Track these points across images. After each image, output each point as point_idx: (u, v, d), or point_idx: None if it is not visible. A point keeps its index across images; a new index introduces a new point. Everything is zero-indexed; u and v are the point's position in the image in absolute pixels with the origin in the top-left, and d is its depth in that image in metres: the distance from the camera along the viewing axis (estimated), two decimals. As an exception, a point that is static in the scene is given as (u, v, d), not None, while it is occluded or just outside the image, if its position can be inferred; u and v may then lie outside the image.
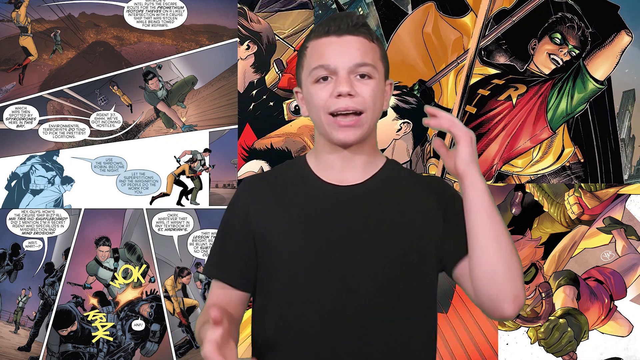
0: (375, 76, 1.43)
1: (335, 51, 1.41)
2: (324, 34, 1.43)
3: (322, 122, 1.42)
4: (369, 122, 1.43)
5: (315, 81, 1.42)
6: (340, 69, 1.40)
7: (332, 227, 1.41)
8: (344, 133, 1.41)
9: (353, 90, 1.39)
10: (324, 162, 1.48)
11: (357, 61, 1.41)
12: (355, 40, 1.42)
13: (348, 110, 1.40)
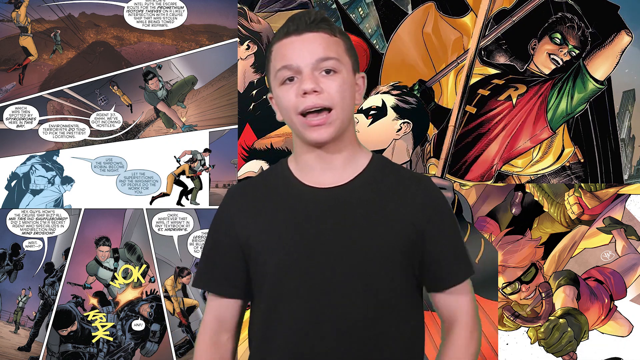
0: (342, 70, 1.40)
1: (296, 50, 1.39)
2: (284, 35, 1.42)
3: (295, 123, 1.41)
4: (340, 118, 1.40)
5: (281, 83, 1.41)
6: (303, 66, 1.38)
7: (313, 230, 1.41)
8: (316, 132, 1.39)
9: (318, 86, 1.37)
10: (303, 164, 1.47)
11: (319, 56, 1.38)
12: (315, 37, 1.40)
13: (316, 107, 1.38)
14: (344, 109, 1.41)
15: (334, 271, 1.39)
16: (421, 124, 2.88)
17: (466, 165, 2.89)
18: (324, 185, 1.44)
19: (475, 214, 2.86)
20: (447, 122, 2.87)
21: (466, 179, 2.88)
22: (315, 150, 1.44)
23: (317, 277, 1.39)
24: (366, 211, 1.41)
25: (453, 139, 2.86)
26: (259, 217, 1.46)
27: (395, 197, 1.44)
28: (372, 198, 1.43)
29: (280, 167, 1.53)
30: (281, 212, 1.44)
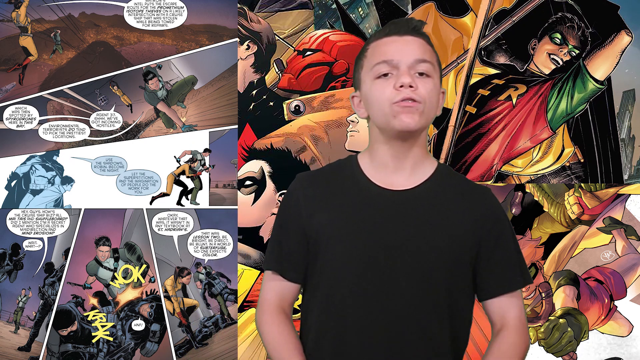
0: (434, 76, 1.49)
1: (396, 48, 1.48)
2: (385, 35, 1.52)
3: (385, 113, 1.47)
4: (426, 115, 1.48)
5: (376, 77, 1.48)
6: (401, 63, 1.46)
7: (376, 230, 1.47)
8: (405, 116, 1.45)
9: (414, 82, 1.45)
10: (377, 161, 1.53)
11: (418, 57, 1.47)
12: (416, 40, 1.50)
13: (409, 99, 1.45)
14: (430, 110, 1.49)
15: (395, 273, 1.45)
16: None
17: (466, 165, 2.89)
18: (393, 187, 1.51)
19: (475, 214, 2.86)
20: (447, 122, 2.87)
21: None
22: (394, 146, 1.50)
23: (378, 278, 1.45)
24: (430, 216, 1.48)
25: (453, 139, 2.86)
26: (327, 209, 1.51)
27: (458, 206, 1.51)
28: (436, 205, 1.50)
29: (350, 162, 1.58)
30: (349, 208, 1.50)
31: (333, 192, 1.53)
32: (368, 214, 1.47)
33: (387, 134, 1.50)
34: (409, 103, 1.44)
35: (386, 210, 1.47)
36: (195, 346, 2.91)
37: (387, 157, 1.52)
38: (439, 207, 1.50)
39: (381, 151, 1.52)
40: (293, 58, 2.92)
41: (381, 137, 1.52)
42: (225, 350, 2.90)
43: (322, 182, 1.57)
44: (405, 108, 1.44)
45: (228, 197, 2.92)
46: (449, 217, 1.49)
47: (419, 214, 1.48)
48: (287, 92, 2.91)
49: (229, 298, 2.91)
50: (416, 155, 1.52)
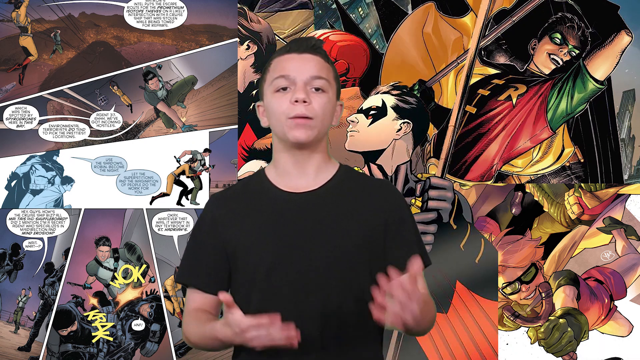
0: (328, 91, 1.63)
1: (295, 64, 1.63)
2: (286, 52, 1.66)
3: (282, 125, 1.62)
4: (319, 128, 1.62)
5: (275, 90, 1.63)
6: (298, 79, 1.61)
7: (287, 231, 1.60)
8: (297, 131, 1.59)
9: (308, 98, 1.59)
10: (281, 169, 1.67)
11: (313, 74, 1.61)
12: (313, 58, 1.64)
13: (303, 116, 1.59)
14: (323, 123, 1.63)
15: (311, 268, 1.57)
16: (421, 124, 2.88)
17: (466, 165, 2.89)
18: (298, 190, 1.64)
19: (475, 214, 2.86)
20: (447, 122, 2.87)
21: (466, 179, 2.88)
22: (294, 155, 1.64)
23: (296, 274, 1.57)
24: (335, 213, 1.61)
25: (453, 139, 2.86)
26: (241, 221, 1.64)
27: (359, 199, 1.64)
28: (339, 201, 1.63)
29: (258, 175, 1.72)
30: (260, 215, 1.63)
31: (244, 206, 1.66)
32: (276, 218, 1.61)
33: (286, 143, 1.65)
34: (302, 121, 1.58)
35: (292, 212, 1.60)
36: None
37: (289, 164, 1.65)
38: (342, 202, 1.63)
39: (283, 159, 1.66)
40: (293, 58, 2.92)
41: (281, 145, 1.67)
42: (225, 350, 2.89)
43: (234, 199, 1.70)
44: (299, 125, 1.59)
45: (228, 197, 2.92)
46: (351, 209, 1.62)
47: (323, 211, 1.61)
48: (287, 92, 2.91)
49: (229, 298, 2.90)
50: (317, 160, 1.65)
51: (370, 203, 1.64)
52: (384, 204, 1.65)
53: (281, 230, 1.60)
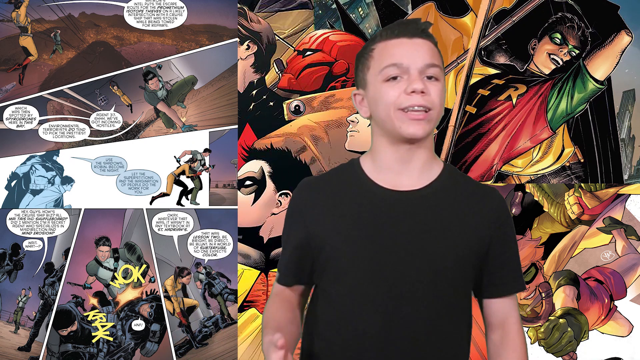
0: (441, 79, 1.48)
1: (407, 51, 1.45)
2: (394, 36, 1.48)
3: (392, 117, 1.45)
4: (435, 121, 1.47)
5: (385, 80, 1.46)
6: (412, 68, 1.44)
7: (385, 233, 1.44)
8: (414, 126, 1.43)
9: (425, 88, 1.43)
10: (380, 164, 1.50)
11: (428, 61, 1.45)
12: (426, 43, 1.47)
13: (420, 107, 1.43)
14: (439, 115, 1.48)
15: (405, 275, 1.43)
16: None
17: (466, 165, 2.89)
18: (400, 188, 1.48)
19: (475, 214, 2.86)
20: (447, 122, 2.87)
21: (466, 179, 2.88)
22: (399, 150, 1.48)
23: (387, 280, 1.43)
24: (439, 217, 1.46)
25: (453, 139, 2.86)
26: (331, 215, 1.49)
27: (466, 206, 1.49)
28: (445, 205, 1.48)
29: (352, 166, 1.56)
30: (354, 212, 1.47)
31: (336, 197, 1.51)
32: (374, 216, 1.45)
33: (392, 137, 1.48)
34: (419, 115, 1.43)
35: (393, 212, 1.45)
36: (195, 346, 2.91)
37: (391, 161, 1.49)
38: (448, 208, 1.47)
39: (385, 154, 1.50)
40: (293, 58, 2.92)
41: (385, 139, 1.49)
42: (225, 350, 2.90)
43: (325, 188, 1.54)
44: (415, 120, 1.43)
45: (228, 197, 2.92)
46: (458, 217, 1.47)
47: (428, 215, 1.45)
48: (287, 92, 2.91)
49: (229, 298, 2.91)
50: (422, 157, 1.49)
51: (478, 212, 1.49)
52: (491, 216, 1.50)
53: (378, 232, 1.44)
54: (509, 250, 1.53)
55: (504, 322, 1.56)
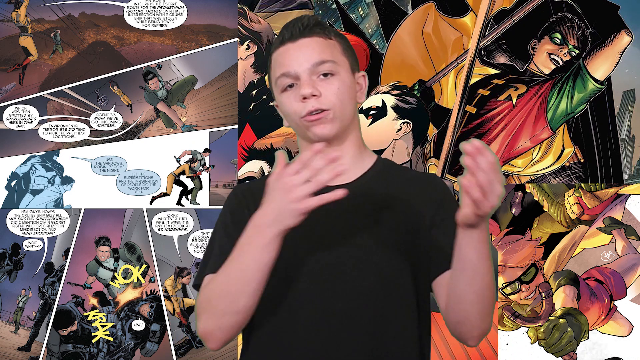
0: (339, 72, 1.44)
1: (292, 57, 1.43)
2: (280, 43, 1.46)
3: (299, 126, 1.44)
4: (340, 117, 1.42)
5: (282, 90, 1.45)
6: (300, 72, 1.42)
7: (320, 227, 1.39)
8: (319, 129, 1.41)
9: (316, 90, 1.40)
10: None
11: (315, 60, 1.42)
12: (310, 42, 1.44)
13: (316, 111, 1.41)
14: (343, 110, 1.43)
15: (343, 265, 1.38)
16: (421, 124, 2.88)
17: (466, 165, 2.88)
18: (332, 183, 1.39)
19: (475, 214, 2.86)
20: (447, 122, 2.87)
21: (466, 179, 2.87)
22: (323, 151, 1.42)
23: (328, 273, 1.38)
24: (374, 206, 1.42)
25: (453, 139, 2.86)
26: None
27: (402, 192, 1.45)
28: (379, 194, 1.44)
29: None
30: None
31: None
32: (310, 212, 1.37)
33: (311, 141, 1.44)
34: (317, 115, 1.40)
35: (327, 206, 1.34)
36: (195, 346, 2.91)
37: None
38: (382, 195, 1.44)
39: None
40: (293, 58, 2.92)
41: (306, 143, 1.47)
42: (225, 350, 2.90)
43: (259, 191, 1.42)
44: (315, 121, 1.40)
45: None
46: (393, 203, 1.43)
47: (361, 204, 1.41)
48: (287, 92, 2.91)
49: (229, 298, 2.91)
50: (350, 152, 1.46)
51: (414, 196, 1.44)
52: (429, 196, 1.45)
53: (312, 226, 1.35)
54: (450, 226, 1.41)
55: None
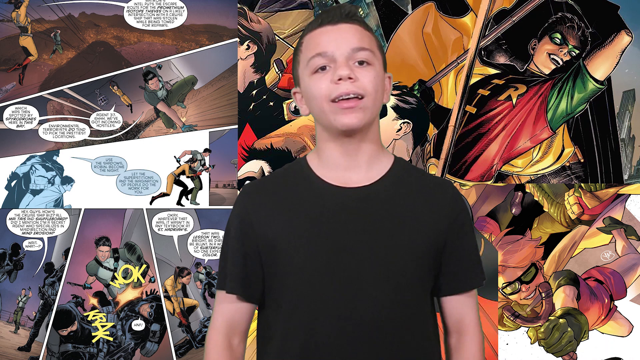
0: (375, 63, 1.40)
1: (331, 38, 1.39)
2: (318, 25, 1.42)
3: (325, 111, 1.39)
4: (371, 108, 1.39)
5: (313, 72, 1.40)
6: (338, 55, 1.38)
7: (338, 232, 1.38)
8: (347, 116, 1.37)
9: (353, 74, 1.36)
10: (326, 161, 1.43)
11: (355, 45, 1.38)
12: (351, 27, 1.40)
13: (350, 95, 1.36)
14: (375, 101, 1.40)
15: (361, 273, 1.36)
16: (421, 124, 2.88)
17: (466, 165, 2.89)
18: (349, 185, 1.41)
19: (475, 214, 2.86)
20: (447, 122, 2.87)
21: (466, 179, 2.88)
22: (343, 144, 1.41)
23: (343, 279, 1.36)
24: (393, 213, 1.40)
25: (453, 139, 2.86)
26: (280, 216, 1.42)
27: (420, 200, 1.43)
28: (398, 200, 1.41)
29: (299, 165, 1.48)
30: (304, 212, 1.40)
31: (285, 198, 1.43)
32: (325, 215, 1.37)
33: (331, 132, 1.41)
34: (350, 103, 1.35)
35: (344, 209, 1.37)
36: (195, 346, 2.91)
37: (336, 156, 1.42)
38: (401, 203, 1.41)
39: (329, 150, 1.43)
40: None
41: (326, 134, 1.42)
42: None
43: (272, 190, 1.46)
44: (347, 109, 1.36)
45: (228, 197, 2.92)
46: (412, 212, 1.41)
47: (380, 211, 1.38)
48: (287, 92, 2.91)
49: (229, 298, 2.91)
50: (369, 150, 1.43)
51: (432, 205, 1.42)
52: (446, 209, 1.44)
53: (329, 232, 1.36)
54: (466, 245, 1.46)
55: (460, 323, 1.48)
